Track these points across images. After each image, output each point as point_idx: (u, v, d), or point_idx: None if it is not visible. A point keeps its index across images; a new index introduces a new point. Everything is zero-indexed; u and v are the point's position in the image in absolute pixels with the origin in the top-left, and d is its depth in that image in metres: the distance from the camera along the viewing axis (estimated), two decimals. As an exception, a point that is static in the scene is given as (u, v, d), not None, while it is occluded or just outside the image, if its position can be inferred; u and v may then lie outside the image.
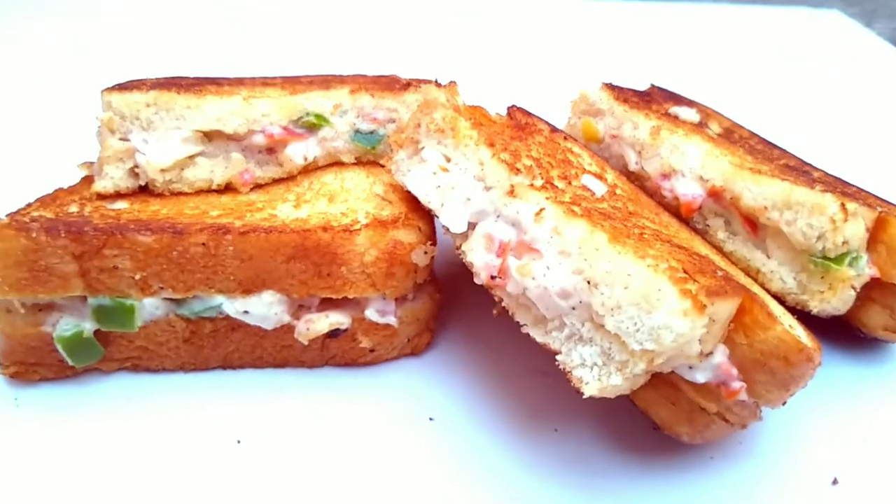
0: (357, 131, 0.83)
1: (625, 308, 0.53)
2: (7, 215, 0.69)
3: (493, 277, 0.61)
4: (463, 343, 0.78)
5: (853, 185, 0.84)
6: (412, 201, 0.75)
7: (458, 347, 0.77)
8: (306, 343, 0.70)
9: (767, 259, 0.71)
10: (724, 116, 0.97)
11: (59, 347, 0.67)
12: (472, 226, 0.65)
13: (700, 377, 0.57)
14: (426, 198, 0.68)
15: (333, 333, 0.71)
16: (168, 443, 0.66)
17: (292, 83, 0.92)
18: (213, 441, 0.67)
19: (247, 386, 0.72)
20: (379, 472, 0.65)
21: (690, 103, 0.97)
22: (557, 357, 0.58)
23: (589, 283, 0.56)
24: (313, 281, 0.68)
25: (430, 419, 0.69)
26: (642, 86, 1.00)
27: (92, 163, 0.85)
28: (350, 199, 0.76)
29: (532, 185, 0.64)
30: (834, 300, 0.67)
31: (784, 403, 0.61)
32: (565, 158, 0.77)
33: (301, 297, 0.69)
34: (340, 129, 0.82)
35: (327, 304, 0.71)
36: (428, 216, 0.73)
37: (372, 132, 0.84)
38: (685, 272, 0.54)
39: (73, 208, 0.72)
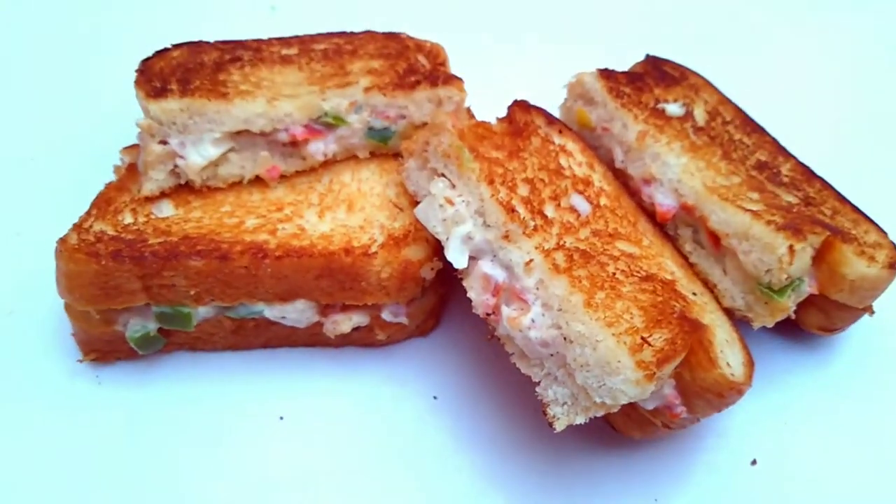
0: (371, 128, 0.91)
1: (592, 367, 0.67)
2: (73, 228, 0.80)
3: (488, 314, 0.74)
4: (466, 324, 0.91)
5: (819, 179, 0.94)
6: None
7: (462, 328, 0.91)
8: (333, 337, 0.84)
9: (723, 276, 0.83)
10: (713, 89, 1.03)
11: (131, 343, 0.82)
12: (472, 258, 0.77)
13: (650, 405, 0.72)
14: (434, 229, 0.79)
15: (354, 328, 0.85)
16: (220, 412, 0.84)
17: (308, 54, 0.98)
18: (256, 416, 0.84)
19: (283, 365, 0.87)
20: (388, 446, 0.82)
21: (680, 78, 1.02)
22: (537, 388, 0.72)
23: (566, 339, 0.69)
24: (338, 292, 0.81)
25: (434, 398, 0.86)
26: (640, 51, 1.05)
27: (133, 147, 0.94)
28: (366, 206, 0.86)
29: (525, 232, 0.74)
30: (771, 323, 0.80)
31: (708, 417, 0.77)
32: (557, 167, 0.87)
33: (327, 303, 0.83)
34: (356, 126, 0.90)
35: (348, 306, 0.84)
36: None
37: (385, 128, 0.92)
38: (643, 338, 0.67)
39: (128, 217, 0.83)
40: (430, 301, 0.87)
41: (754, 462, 0.83)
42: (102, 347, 0.84)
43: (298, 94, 0.89)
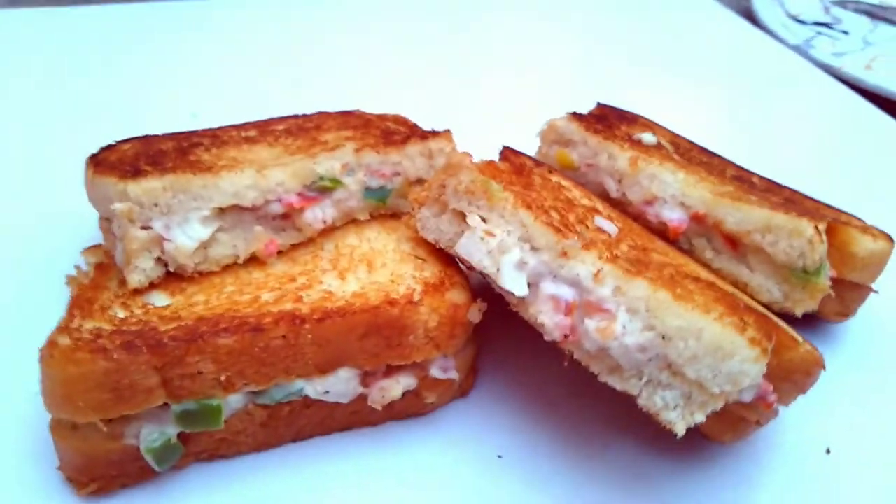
0: (367, 188, 0.86)
1: (702, 357, 0.63)
2: (57, 331, 0.67)
3: (565, 336, 0.69)
4: (499, 380, 0.85)
5: (786, 188, 1.00)
6: (444, 256, 0.81)
7: (497, 384, 0.85)
8: (380, 409, 0.75)
9: (752, 274, 0.84)
10: (662, 127, 1.09)
11: (147, 457, 0.68)
12: (530, 285, 0.72)
13: (747, 397, 0.69)
14: (480, 264, 0.74)
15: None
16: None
17: (270, 133, 0.93)
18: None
19: (320, 454, 0.76)
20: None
21: (635, 119, 1.08)
22: (638, 401, 0.67)
23: (664, 337, 0.65)
24: (385, 352, 0.73)
25: (499, 456, 0.77)
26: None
27: (96, 246, 0.83)
28: (387, 262, 0.80)
29: (583, 245, 0.71)
30: (813, 306, 0.81)
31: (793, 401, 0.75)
32: (566, 198, 0.86)
33: (372, 368, 0.74)
34: (352, 188, 0.85)
35: (392, 369, 0.75)
36: (463, 270, 0.80)
37: (381, 187, 0.87)
38: (741, 319, 0.65)
39: (121, 312, 0.71)
40: (471, 353, 0.81)
41: (828, 451, 0.81)
42: (106, 472, 0.68)
43: (286, 163, 0.82)
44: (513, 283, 0.72)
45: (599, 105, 1.09)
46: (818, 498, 0.77)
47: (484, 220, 0.76)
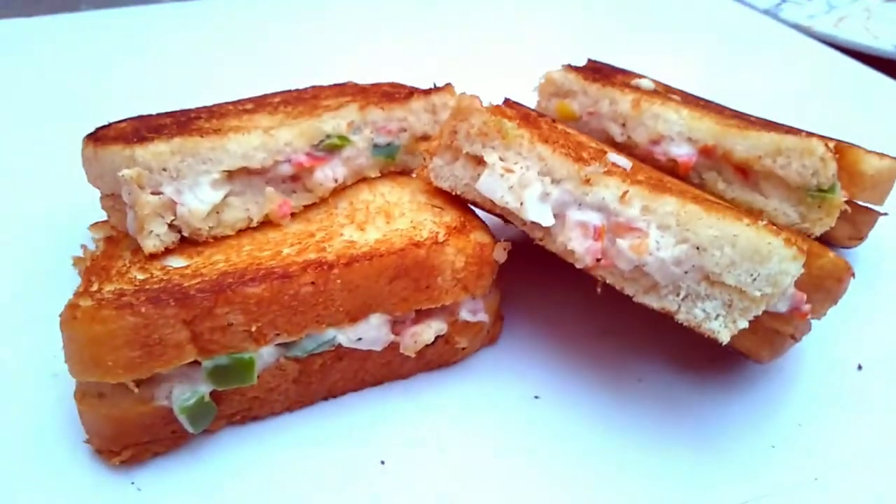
0: (375, 145, 0.85)
1: (739, 262, 0.63)
2: (76, 296, 0.64)
3: (598, 260, 0.69)
4: (525, 323, 0.84)
5: (784, 125, 1.01)
6: (460, 203, 0.80)
7: (523, 328, 0.84)
8: (413, 355, 0.73)
9: (766, 200, 0.85)
10: (657, 81, 1.10)
11: (181, 417, 0.65)
12: (556, 216, 0.72)
13: (782, 307, 0.69)
14: (502, 201, 0.73)
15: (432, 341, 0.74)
16: (307, 484, 0.67)
17: (268, 105, 0.92)
18: (355, 468, 0.69)
19: (352, 412, 0.74)
20: (507, 456, 0.71)
21: (627, 72, 1.08)
22: (677, 316, 0.66)
23: (698, 248, 0.65)
24: (414, 296, 0.71)
25: (536, 397, 0.76)
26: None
27: (102, 222, 0.81)
28: (405, 212, 0.78)
29: (605, 172, 0.71)
30: (831, 223, 0.82)
31: (825, 314, 0.75)
32: (577, 141, 0.85)
33: (403, 314, 0.72)
34: (360, 145, 0.84)
35: (421, 315, 0.74)
36: (476, 213, 0.79)
37: (388, 144, 0.86)
38: (771, 222, 0.65)
39: (138, 274, 0.69)
40: (496, 298, 0.79)
41: (860, 367, 0.81)
42: (139, 438, 0.66)
43: (293, 124, 0.81)
44: (538, 214, 0.71)
45: (590, 60, 1.09)
46: (852, 414, 0.77)
47: (501, 159, 0.76)
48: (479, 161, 0.77)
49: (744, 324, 0.64)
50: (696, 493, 0.68)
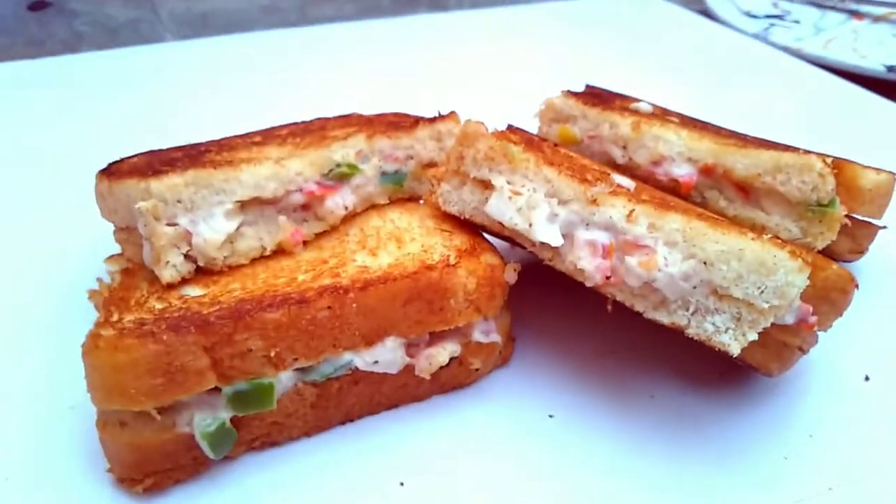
0: (383, 173, 0.87)
1: (746, 275, 0.64)
2: (97, 326, 0.66)
3: (607, 278, 0.70)
4: (536, 344, 0.85)
5: (781, 144, 1.03)
6: (470, 227, 0.81)
7: (535, 349, 0.85)
8: (428, 378, 0.74)
9: (768, 216, 0.86)
10: (654, 105, 1.12)
11: (202, 444, 0.66)
12: (564, 236, 0.73)
13: (790, 319, 0.70)
14: (511, 222, 0.75)
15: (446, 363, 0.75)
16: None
17: (276, 137, 0.94)
18: (374, 488, 0.69)
19: (369, 435, 0.74)
20: (525, 473, 0.71)
21: (625, 97, 1.11)
22: (688, 331, 0.68)
23: (705, 263, 0.66)
24: (428, 318, 0.73)
25: (550, 416, 0.77)
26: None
27: (118, 255, 0.82)
28: (416, 236, 0.80)
29: (611, 192, 0.73)
30: (832, 237, 0.83)
31: (831, 326, 0.77)
32: (580, 164, 0.87)
33: (417, 336, 0.73)
34: (369, 173, 0.86)
35: (435, 337, 0.75)
36: (485, 237, 0.80)
37: (396, 171, 0.88)
38: (775, 236, 0.67)
39: (157, 304, 0.70)
40: (507, 319, 0.81)
41: (867, 378, 0.82)
42: (160, 466, 0.66)
43: (302, 155, 0.83)
44: (547, 235, 0.73)
45: (588, 86, 1.12)
46: (862, 424, 0.78)
47: (508, 182, 0.78)
48: (486, 185, 0.79)
49: (753, 336, 0.65)
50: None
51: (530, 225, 0.74)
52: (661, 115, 1.06)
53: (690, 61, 1.73)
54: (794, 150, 0.96)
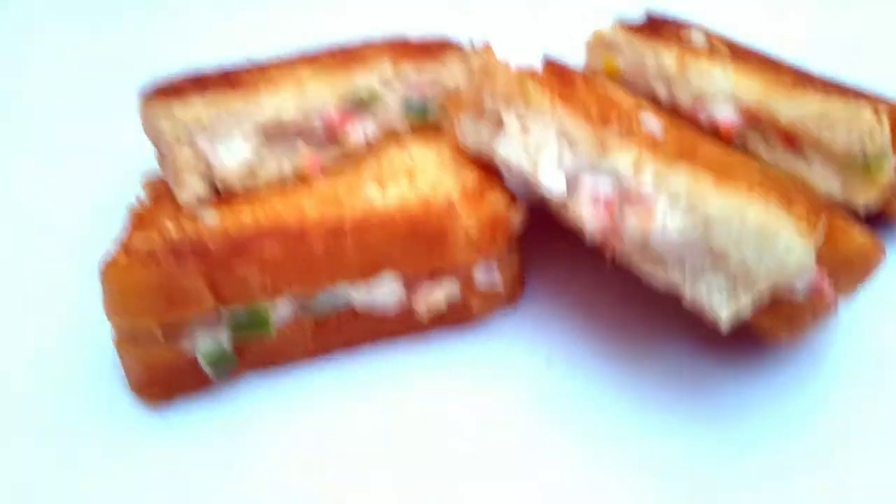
0: (408, 103, 0.86)
1: (745, 240, 0.61)
2: (114, 247, 0.70)
3: (606, 232, 0.68)
4: (548, 289, 0.85)
5: (849, 87, 0.94)
6: (484, 164, 0.80)
7: (546, 293, 0.84)
8: (425, 314, 0.76)
9: (809, 167, 0.81)
10: (720, 35, 1.04)
11: (202, 363, 0.71)
12: (569, 184, 0.71)
13: (800, 286, 0.66)
14: (518, 163, 0.73)
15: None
16: (318, 432, 0.72)
17: (313, 61, 0.94)
18: (362, 420, 0.73)
19: (374, 362, 0.78)
20: (516, 419, 0.73)
21: (687, 26, 1.03)
22: (684, 291, 0.65)
23: (705, 222, 0.63)
24: (426, 256, 0.73)
25: (548, 362, 0.77)
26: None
27: (156, 178, 0.86)
28: (428, 172, 0.80)
29: (621, 135, 0.70)
30: (876, 195, 0.77)
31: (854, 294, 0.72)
32: (611, 101, 0.83)
33: (415, 274, 0.74)
34: (392, 102, 0.85)
35: (435, 275, 0.76)
36: (499, 175, 0.79)
37: (421, 102, 0.87)
38: (788, 200, 0.63)
39: (171, 226, 0.74)
40: (515, 261, 0.80)
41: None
42: (166, 381, 0.72)
43: (324, 79, 0.83)
44: (551, 180, 0.71)
45: (648, 13, 1.05)
46: (872, 404, 0.74)
47: (521, 120, 0.75)
48: (501, 122, 0.77)
49: (747, 303, 0.62)
50: (713, 464, 0.69)
51: (536, 167, 0.72)
52: (722, 46, 0.99)
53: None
54: (856, 94, 0.88)
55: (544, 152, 0.72)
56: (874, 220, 0.84)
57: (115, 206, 0.92)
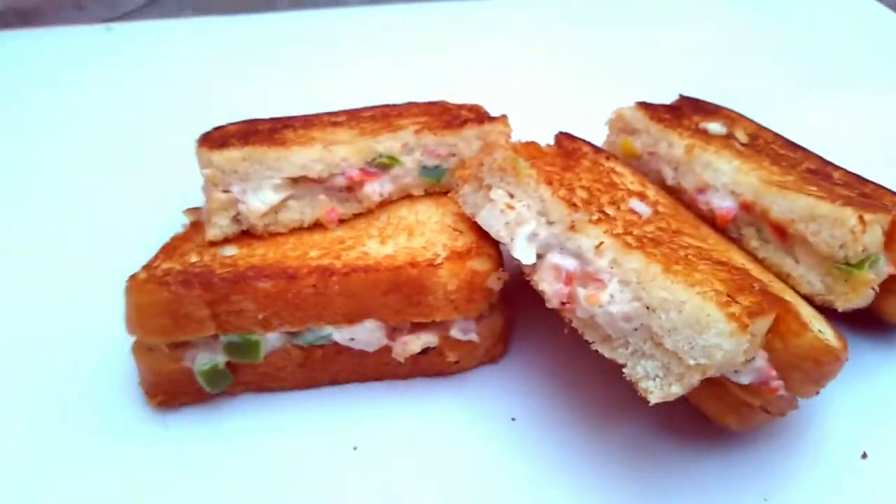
0: (423, 167, 0.94)
1: (680, 330, 0.64)
2: (142, 268, 0.81)
3: (563, 303, 0.73)
4: (533, 350, 0.89)
5: (871, 183, 0.94)
6: (480, 230, 0.86)
7: (530, 354, 0.89)
8: (402, 361, 0.82)
9: (796, 264, 0.82)
10: (748, 120, 1.07)
11: (199, 379, 0.80)
12: (539, 256, 0.77)
13: (744, 379, 0.68)
14: (497, 233, 0.80)
15: (424, 351, 0.83)
16: (291, 451, 0.80)
17: (356, 119, 1.04)
18: (330, 448, 0.80)
19: (353, 398, 0.85)
20: (470, 468, 0.78)
21: (717, 111, 1.06)
22: (624, 370, 0.69)
23: (648, 308, 0.67)
24: (406, 309, 0.80)
25: (512, 419, 0.82)
26: (672, 94, 1.10)
27: (196, 208, 0.98)
28: (427, 232, 0.87)
29: (590, 220, 0.74)
30: (856, 300, 0.77)
31: (817, 394, 0.72)
32: (611, 181, 0.88)
33: (396, 323, 0.81)
34: (409, 166, 0.93)
35: (417, 326, 0.82)
36: (496, 243, 0.85)
37: (437, 167, 0.95)
38: (729, 295, 0.65)
39: (194, 257, 0.84)
40: (499, 322, 0.86)
41: (864, 455, 0.77)
42: (169, 389, 0.82)
43: (352, 142, 0.92)
44: (522, 252, 0.77)
45: (681, 96, 1.08)
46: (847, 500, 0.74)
47: (511, 195, 0.81)
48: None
49: (678, 390, 0.65)
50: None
51: (512, 240, 0.78)
52: (752, 134, 1.01)
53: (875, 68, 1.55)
54: (878, 197, 0.88)
55: (522, 227, 0.78)
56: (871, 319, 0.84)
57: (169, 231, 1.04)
